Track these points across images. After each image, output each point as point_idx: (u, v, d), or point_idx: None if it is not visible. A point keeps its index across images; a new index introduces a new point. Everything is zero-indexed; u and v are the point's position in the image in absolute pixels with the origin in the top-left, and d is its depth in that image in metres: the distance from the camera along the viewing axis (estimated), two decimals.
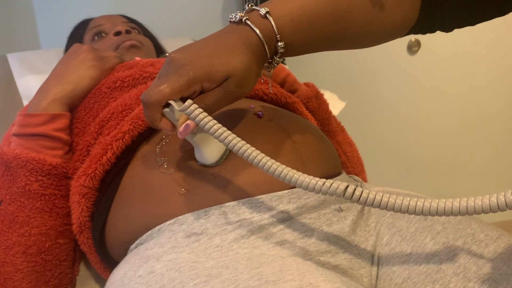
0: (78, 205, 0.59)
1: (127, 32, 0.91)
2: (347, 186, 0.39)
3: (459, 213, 0.36)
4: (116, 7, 1.52)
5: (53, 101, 0.65)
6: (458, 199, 0.37)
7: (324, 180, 0.40)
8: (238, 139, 0.43)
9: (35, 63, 1.15)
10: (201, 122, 0.43)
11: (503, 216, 1.93)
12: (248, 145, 0.43)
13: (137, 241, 0.54)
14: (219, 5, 1.78)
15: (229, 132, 0.43)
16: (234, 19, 0.47)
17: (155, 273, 0.45)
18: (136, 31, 0.97)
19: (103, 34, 0.93)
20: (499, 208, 0.35)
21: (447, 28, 0.54)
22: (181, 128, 0.44)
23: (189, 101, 0.42)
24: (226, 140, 0.43)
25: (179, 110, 0.43)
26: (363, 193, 0.39)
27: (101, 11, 1.07)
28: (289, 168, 0.42)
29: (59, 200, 0.62)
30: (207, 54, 0.44)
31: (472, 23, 0.53)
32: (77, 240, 0.62)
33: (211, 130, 0.43)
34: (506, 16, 0.52)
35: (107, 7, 1.63)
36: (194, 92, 0.45)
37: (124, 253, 0.57)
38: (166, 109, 0.44)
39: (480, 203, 0.35)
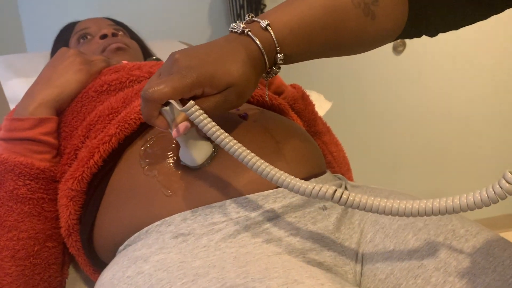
0: (66, 208, 0.59)
1: (113, 35, 0.91)
2: (335, 190, 0.41)
3: (439, 212, 0.38)
4: (102, 10, 1.51)
5: (40, 105, 0.65)
6: (438, 200, 0.38)
7: (314, 184, 0.42)
8: (238, 144, 0.44)
9: (21, 66, 1.14)
10: (201, 123, 0.43)
11: (482, 213, 1.96)
12: (247, 150, 0.44)
13: (126, 243, 0.54)
14: (205, 8, 1.78)
15: (226, 134, 0.44)
16: (236, 30, 0.48)
17: (144, 273, 0.46)
18: (122, 34, 0.98)
19: (89, 37, 0.93)
20: (475, 206, 0.37)
21: (432, 33, 0.57)
22: (181, 126, 0.45)
23: (191, 102, 0.43)
24: (223, 143, 0.44)
25: (181, 110, 0.43)
26: (349, 197, 0.41)
27: (87, 14, 1.07)
28: (284, 173, 0.43)
29: (47, 204, 0.63)
30: (213, 60, 0.45)
31: (456, 27, 0.56)
32: (66, 243, 0.62)
33: (210, 131, 0.43)
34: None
35: (93, 10, 1.63)
36: (194, 96, 0.45)
37: (112, 255, 0.57)
38: (166, 108, 0.44)
39: (458, 202, 0.37)
